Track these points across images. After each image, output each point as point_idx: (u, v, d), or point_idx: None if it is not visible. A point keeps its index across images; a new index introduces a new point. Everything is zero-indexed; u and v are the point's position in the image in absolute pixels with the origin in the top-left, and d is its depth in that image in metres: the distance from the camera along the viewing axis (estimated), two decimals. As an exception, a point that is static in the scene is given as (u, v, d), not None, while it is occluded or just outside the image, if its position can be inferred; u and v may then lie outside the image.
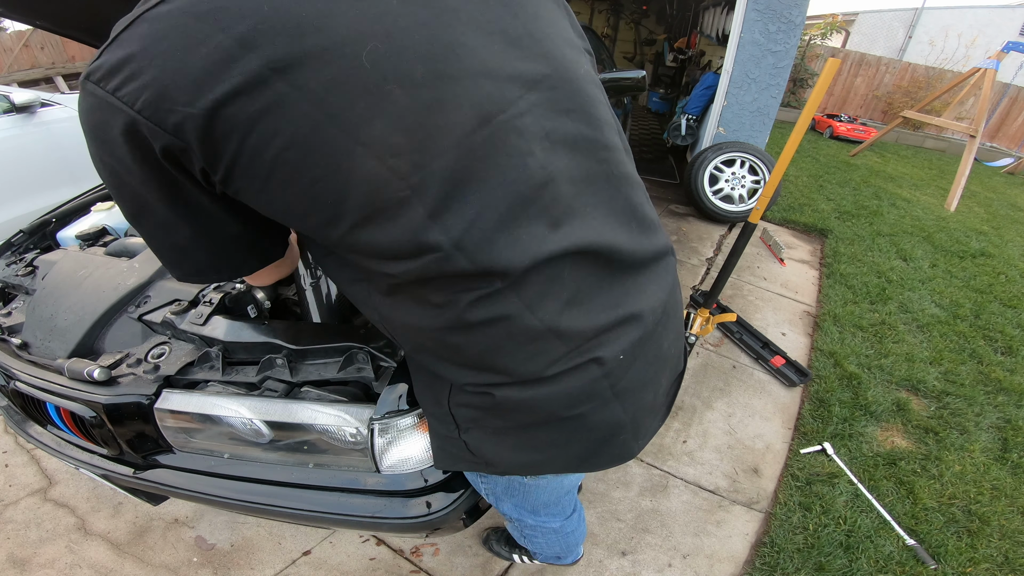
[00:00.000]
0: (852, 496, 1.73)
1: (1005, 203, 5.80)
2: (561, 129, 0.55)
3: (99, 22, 1.43)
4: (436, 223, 0.49)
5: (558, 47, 0.57)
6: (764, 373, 2.34)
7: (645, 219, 0.65)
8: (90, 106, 0.46)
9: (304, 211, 0.50)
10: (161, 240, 0.57)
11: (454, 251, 0.50)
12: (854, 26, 14.08)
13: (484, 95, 0.49)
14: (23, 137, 2.64)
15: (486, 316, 0.55)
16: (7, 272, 1.31)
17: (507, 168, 0.51)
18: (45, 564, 1.39)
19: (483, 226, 0.51)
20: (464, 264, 0.51)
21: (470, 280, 0.53)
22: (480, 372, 0.61)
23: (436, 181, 0.48)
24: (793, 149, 1.69)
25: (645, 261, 0.64)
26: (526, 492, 0.90)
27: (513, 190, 0.51)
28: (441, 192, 0.49)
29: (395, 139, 0.47)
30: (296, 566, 1.42)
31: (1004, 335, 2.82)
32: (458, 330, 0.57)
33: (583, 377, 0.61)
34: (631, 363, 0.65)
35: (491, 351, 0.59)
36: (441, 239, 0.50)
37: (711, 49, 5.34)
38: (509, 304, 0.55)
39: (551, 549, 1.14)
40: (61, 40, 6.37)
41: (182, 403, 0.90)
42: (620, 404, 0.66)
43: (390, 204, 0.48)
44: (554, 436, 0.66)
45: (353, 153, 0.46)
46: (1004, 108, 9.00)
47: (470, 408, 0.66)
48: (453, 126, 0.48)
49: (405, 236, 0.49)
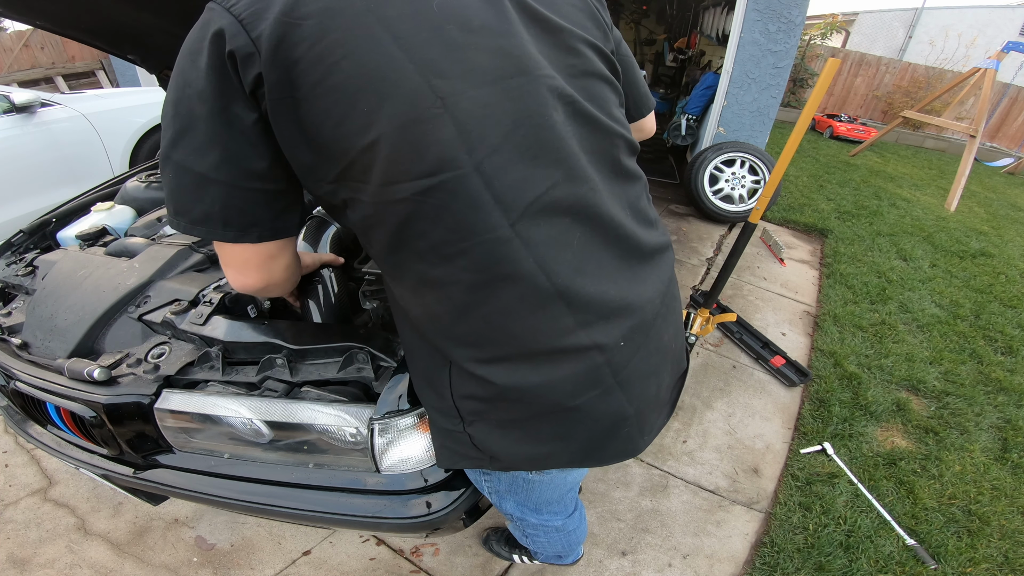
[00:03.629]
0: (852, 496, 1.73)
1: (1005, 203, 5.80)
2: (581, 104, 0.61)
3: (99, 22, 1.43)
4: (461, 142, 0.53)
5: (585, 47, 0.65)
6: (764, 373, 2.34)
7: (644, 213, 0.70)
8: (201, 20, 0.54)
9: (338, 119, 0.53)
10: (186, 170, 0.57)
11: (473, 172, 0.54)
12: (854, 26, 14.08)
13: (525, 52, 0.57)
14: (23, 137, 2.64)
15: (497, 271, 0.57)
16: (7, 272, 1.31)
17: (534, 114, 0.57)
18: (45, 564, 1.39)
19: (503, 155, 0.55)
20: (478, 187, 0.54)
21: (479, 215, 0.55)
22: (484, 346, 0.62)
23: (469, 106, 0.53)
24: (793, 149, 1.69)
25: (645, 252, 0.68)
26: (530, 489, 0.90)
27: (535, 134, 0.57)
28: (472, 117, 0.54)
29: (443, 65, 0.53)
30: (296, 566, 1.42)
31: (1004, 335, 2.82)
32: (467, 287, 0.59)
33: (585, 362, 0.63)
34: (633, 352, 0.66)
35: (499, 314, 0.60)
36: (463, 156, 0.54)
37: (711, 49, 5.33)
38: (520, 258, 0.57)
39: (552, 548, 1.15)
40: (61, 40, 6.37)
41: (182, 403, 0.90)
42: (623, 394, 0.67)
43: (423, 117, 0.52)
44: (558, 428, 0.67)
45: (404, 70, 0.52)
46: (1004, 108, 9.00)
47: (474, 400, 0.67)
48: (495, 68, 0.55)
49: (430, 147, 0.53)
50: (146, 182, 1.61)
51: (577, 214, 0.60)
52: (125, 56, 1.59)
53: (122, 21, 1.41)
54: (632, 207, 0.67)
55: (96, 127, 2.92)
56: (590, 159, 0.62)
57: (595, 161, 0.63)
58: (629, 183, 0.68)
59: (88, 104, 2.97)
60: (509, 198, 0.56)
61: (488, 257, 0.57)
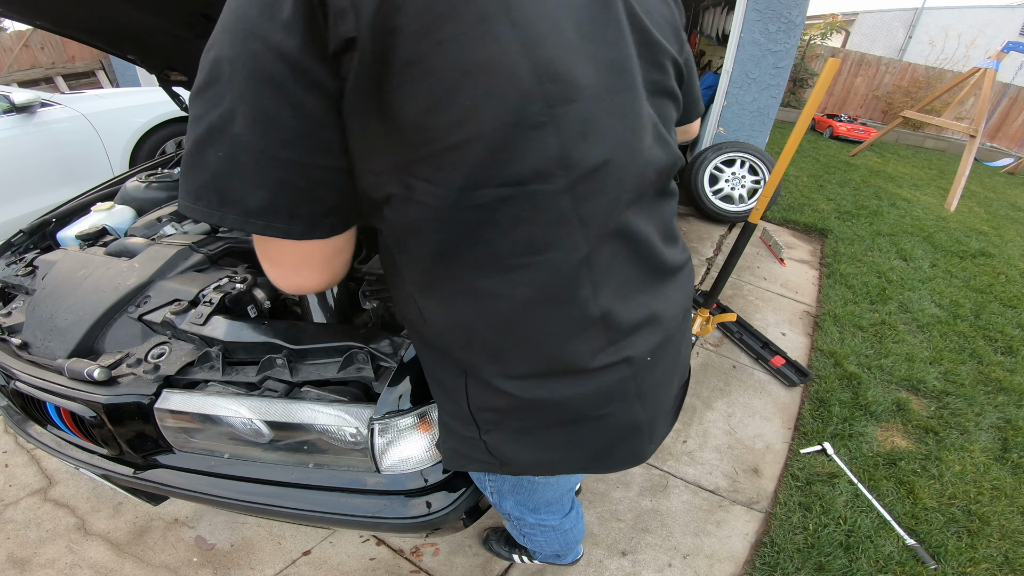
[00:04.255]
0: (852, 496, 1.73)
1: (1005, 203, 5.80)
2: (660, 128, 0.59)
3: (99, 22, 1.43)
4: (561, 156, 0.49)
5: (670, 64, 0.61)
6: (764, 373, 2.34)
7: (672, 230, 0.69)
8: None
9: (428, 106, 0.44)
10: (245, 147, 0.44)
11: (565, 189, 0.50)
12: (854, 26, 14.08)
13: (632, 67, 0.54)
14: (23, 137, 2.64)
15: (555, 291, 0.54)
16: (7, 272, 1.31)
17: (633, 136, 0.54)
18: (45, 564, 1.39)
19: (599, 177, 0.52)
20: (567, 205, 0.51)
21: (560, 232, 0.52)
22: (516, 363, 0.60)
23: (575, 119, 0.48)
24: (793, 149, 1.69)
25: (669, 269, 0.66)
26: (532, 490, 0.90)
27: (631, 158, 0.54)
28: (575, 131, 0.49)
29: (558, 67, 0.46)
30: (296, 566, 1.42)
31: (1004, 335, 2.82)
32: (520, 303, 0.55)
33: (615, 376, 0.62)
34: (654, 365, 0.66)
35: (542, 334, 0.57)
36: (558, 171, 0.49)
37: (711, 49, 5.33)
38: (582, 281, 0.55)
39: (550, 547, 1.15)
40: (61, 40, 6.36)
41: (182, 403, 0.90)
42: (641, 405, 0.67)
43: (528, 123, 0.46)
44: (574, 435, 0.66)
45: (518, 65, 0.44)
46: (1004, 108, 9.00)
47: (493, 411, 0.65)
48: (604, 81, 0.50)
49: (526, 157, 0.47)
50: (146, 182, 1.61)
51: (625, 236, 0.58)
52: (125, 56, 1.59)
53: (122, 21, 1.41)
54: (665, 225, 0.66)
55: (96, 127, 2.92)
56: (661, 180, 0.61)
57: (664, 181, 0.61)
58: (667, 201, 0.66)
59: (88, 104, 2.97)
60: (593, 220, 0.53)
61: (553, 275, 0.53)
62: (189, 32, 1.48)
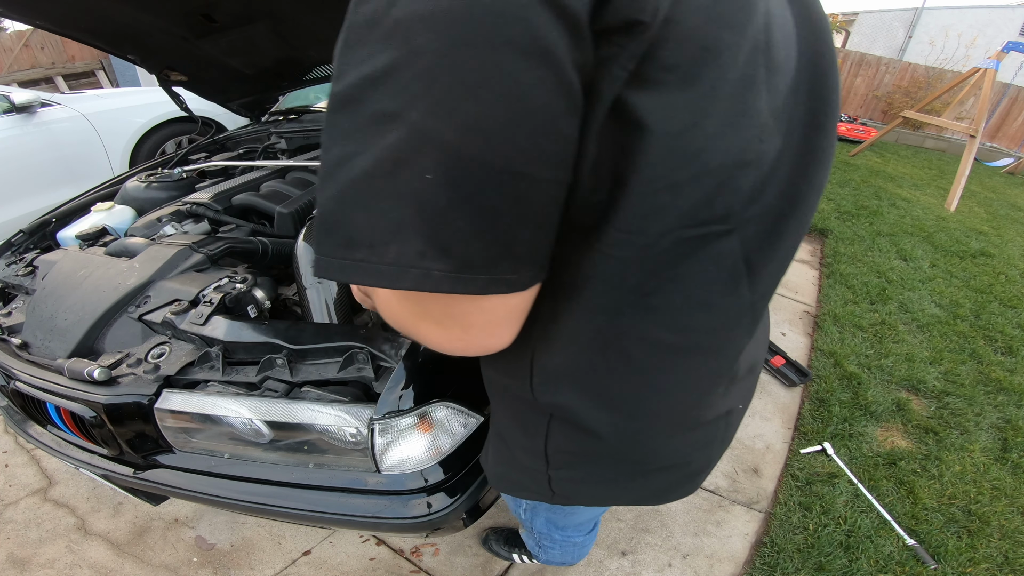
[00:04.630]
0: (852, 496, 1.73)
1: (1005, 203, 5.79)
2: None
3: (99, 22, 1.43)
4: (751, 198, 0.41)
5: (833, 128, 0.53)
6: (764, 373, 2.34)
7: None
8: None
9: (679, 129, 0.34)
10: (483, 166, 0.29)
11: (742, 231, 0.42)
12: (854, 26, 14.08)
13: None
14: (23, 137, 2.65)
15: (704, 338, 0.48)
16: (7, 272, 1.31)
17: (819, 182, 0.48)
18: (45, 564, 1.39)
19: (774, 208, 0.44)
20: (745, 235, 0.43)
21: (730, 280, 0.45)
22: (635, 415, 0.52)
23: (771, 160, 0.41)
24: (793, 149, 1.69)
25: (759, 310, 0.57)
26: (569, 513, 0.89)
27: (802, 205, 0.46)
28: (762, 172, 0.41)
29: (777, 102, 0.39)
30: (296, 566, 1.42)
31: (1004, 335, 2.82)
32: (664, 348, 0.46)
33: (718, 426, 0.59)
34: (743, 413, 0.64)
35: (675, 385, 0.50)
36: (739, 211, 0.41)
37: (711, 49, 5.32)
38: (740, 333, 0.50)
39: (562, 558, 1.15)
40: (61, 40, 6.37)
41: (182, 403, 0.90)
42: (720, 449, 0.65)
43: (745, 161, 0.39)
44: (649, 479, 0.62)
45: (760, 92, 0.37)
46: (1004, 108, 8.99)
47: (572, 454, 0.58)
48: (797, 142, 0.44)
49: (724, 195, 0.39)
50: (146, 182, 1.61)
51: None
52: (125, 56, 1.60)
53: (122, 21, 1.42)
54: None
55: (96, 127, 2.92)
56: None
57: None
58: None
59: (88, 104, 2.97)
60: (755, 258, 0.45)
61: (712, 321, 0.46)
62: (189, 32, 1.48)
